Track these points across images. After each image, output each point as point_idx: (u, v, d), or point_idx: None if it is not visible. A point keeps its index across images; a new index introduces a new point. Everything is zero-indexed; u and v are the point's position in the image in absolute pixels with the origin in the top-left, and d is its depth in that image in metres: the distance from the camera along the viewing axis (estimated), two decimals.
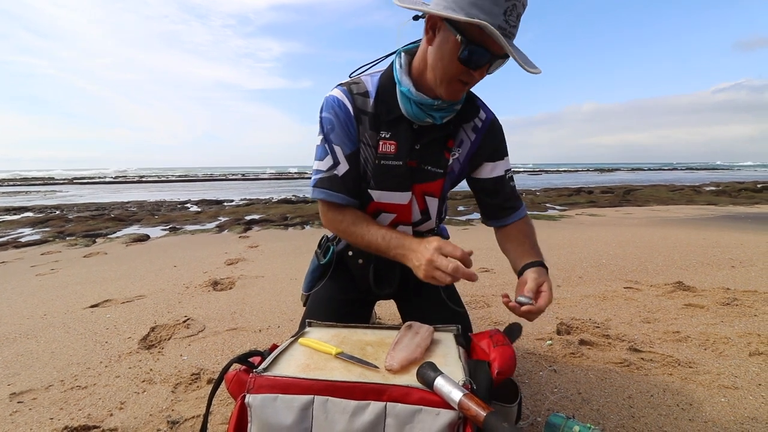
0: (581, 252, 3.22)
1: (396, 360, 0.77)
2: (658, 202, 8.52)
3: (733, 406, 1.10)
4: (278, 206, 8.63)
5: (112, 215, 7.28)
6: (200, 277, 2.68)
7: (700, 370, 1.29)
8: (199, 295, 2.26)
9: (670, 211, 6.70)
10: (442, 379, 0.66)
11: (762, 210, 6.52)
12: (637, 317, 1.78)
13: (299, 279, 2.59)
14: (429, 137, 0.93)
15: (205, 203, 10.03)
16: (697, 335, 1.55)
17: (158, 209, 8.61)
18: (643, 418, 1.05)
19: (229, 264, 3.13)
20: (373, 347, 0.88)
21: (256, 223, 5.92)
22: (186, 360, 1.43)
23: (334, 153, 0.93)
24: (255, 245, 4.02)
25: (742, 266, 2.63)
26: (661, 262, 2.84)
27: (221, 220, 6.47)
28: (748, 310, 1.82)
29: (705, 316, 1.77)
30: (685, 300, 1.98)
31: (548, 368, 1.32)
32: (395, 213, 1.00)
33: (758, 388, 1.18)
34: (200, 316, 1.88)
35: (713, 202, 8.07)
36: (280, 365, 0.79)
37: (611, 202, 8.46)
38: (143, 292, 2.33)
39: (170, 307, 2.03)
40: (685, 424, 1.02)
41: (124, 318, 1.88)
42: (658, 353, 1.41)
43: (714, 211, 6.62)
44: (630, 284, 2.29)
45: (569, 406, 1.11)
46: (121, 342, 1.60)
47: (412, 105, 0.88)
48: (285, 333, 1.68)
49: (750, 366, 1.31)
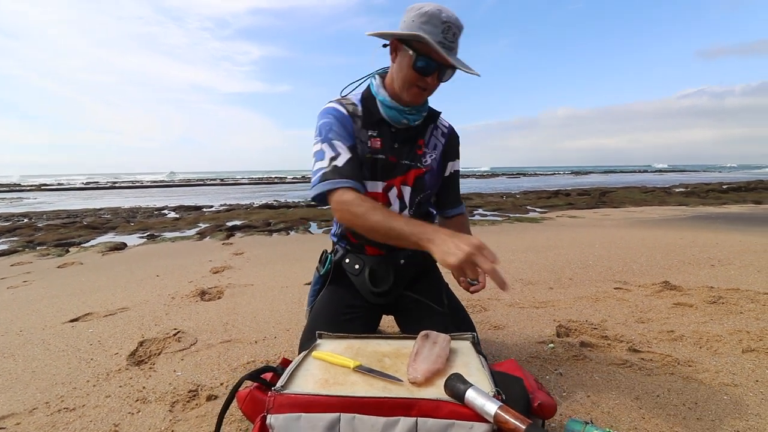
0: (567, 253, 3.28)
1: (420, 372, 0.75)
2: (632, 203, 8.81)
3: (736, 403, 1.12)
4: (260, 211, 8.48)
5: (85, 223, 6.99)
6: (186, 286, 2.58)
7: (699, 368, 1.32)
8: (186, 305, 2.18)
9: (645, 212, 6.93)
10: (474, 392, 0.65)
11: (731, 210, 6.83)
12: (631, 317, 1.81)
13: (291, 287, 2.55)
14: (404, 136, 1.12)
15: (183, 209, 9.76)
16: (691, 334, 1.59)
17: (134, 216, 8.32)
18: (654, 419, 1.06)
19: (215, 272, 3.03)
20: (390, 359, 0.85)
21: (239, 229, 5.78)
22: (181, 376, 1.36)
23: (334, 146, 1.04)
24: (240, 252, 3.92)
25: (721, 265, 2.73)
26: (645, 262, 2.91)
27: (202, 227, 6.30)
28: (734, 307, 1.88)
29: (695, 314, 1.82)
30: (674, 299, 2.04)
31: (555, 372, 1.32)
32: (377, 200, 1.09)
33: (756, 385, 1.21)
34: (191, 329, 1.81)
35: (684, 203, 8.40)
36: (298, 381, 0.76)
37: (588, 204, 8.69)
38: (126, 304, 2.22)
39: (157, 320, 1.94)
40: (694, 424, 1.03)
41: (109, 332, 1.78)
42: (657, 353, 1.44)
43: (686, 211, 6.88)
44: (619, 285, 2.34)
45: (580, 409, 1.11)
46: (108, 358, 1.51)
47: (390, 110, 1.08)
48: (282, 344, 1.63)
49: (745, 363, 1.34)
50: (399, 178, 1.12)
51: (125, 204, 11.75)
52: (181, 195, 16.44)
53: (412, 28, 0.97)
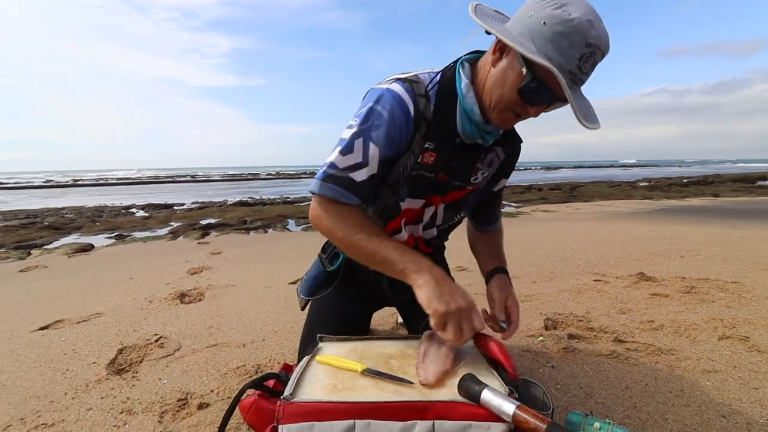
0: (546, 247, 3.36)
1: (431, 373, 0.74)
2: (601, 197, 9.13)
3: (718, 389, 1.17)
4: (235, 209, 8.27)
5: (46, 223, 6.61)
6: (163, 289, 2.48)
7: (681, 356, 1.38)
8: (166, 309, 2.09)
9: (613, 206, 7.20)
10: (489, 392, 0.64)
11: (692, 203, 7.20)
12: (612, 309, 1.87)
13: (274, 286, 2.49)
14: (466, 154, 0.91)
15: (153, 207, 9.40)
16: (670, 323, 1.66)
17: (99, 215, 7.94)
18: (645, 408, 1.09)
19: (192, 273, 2.93)
20: (397, 360, 0.84)
21: (214, 228, 5.61)
22: (167, 384, 1.30)
23: (367, 152, 0.81)
24: (217, 252, 3.81)
25: (689, 256, 2.87)
26: (619, 254, 3.02)
27: (174, 225, 6.08)
28: (706, 296, 1.97)
29: (671, 304, 1.90)
30: (650, 290, 2.12)
31: (547, 365, 1.35)
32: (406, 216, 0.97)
33: (734, 370, 1.27)
34: (173, 333, 1.73)
35: (648, 197, 8.78)
36: (305, 388, 0.73)
37: (560, 199, 8.96)
38: (100, 309, 2.11)
39: (135, 325, 1.85)
40: (682, 410, 1.08)
41: (84, 340, 1.68)
42: (641, 342, 1.49)
43: (651, 204, 7.20)
44: (598, 277, 2.42)
45: (575, 401, 1.13)
46: (86, 368, 1.43)
47: (471, 125, 0.84)
48: (272, 346, 1.59)
49: (722, 350, 1.41)
50: (440, 197, 0.96)
51: (89, 203, 11.19)
52: (149, 192, 15.81)
53: (541, 35, 0.68)
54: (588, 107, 0.73)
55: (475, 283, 2.38)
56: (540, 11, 0.69)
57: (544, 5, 0.69)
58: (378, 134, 0.81)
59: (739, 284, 2.11)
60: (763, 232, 3.70)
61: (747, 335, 1.49)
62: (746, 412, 1.06)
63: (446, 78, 0.85)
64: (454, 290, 0.77)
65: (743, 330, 1.54)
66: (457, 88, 0.84)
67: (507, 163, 1.01)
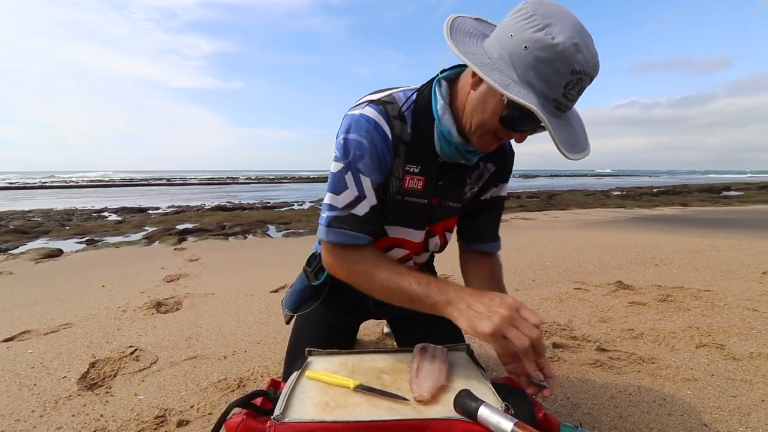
0: (527, 255, 3.41)
1: (425, 389, 0.72)
2: (577, 205, 9.38)
3: (699, 397, 1.20)
4: (213, 214, 8.09)
5: (12, 227, 6.29)
6: (138, 297, 2.38)
7: (661, 365, 1.41)
8: (141, 319, 2.00)
9: (589, 214, 7.40)
10: (487, 409, 0.63)
11: (663, 212, 7.47)
12: (593, 317, 1.90)
13: (256, 295, 2.43)
14: (451, 173, 0.88)
15: (126, 211, 9.10)
16: (649, 331, 1.70)
17: (69, 219, 7.62)
18: (630, 417, 1.11)
19: (169, 281, 2.83)
20: (389, 375, 0.82)
21: (191, 233, 5.46)
22: (144, 400, 1.24)
23: (360, 185, 0.79)
24: (195, 258, 3.70)
25: (663, 264, 2.96)
26: (597, 262, 3.10)
27: (149, 230, 5.89)
28: (681, 305, 2.04)
29: (649, 312, 1.95)
30: (628, 298, 2.17)
31: None
32: (408, 249, 0.95)
33: (713, 378, 1.31)
34: (149, 345, 1.66)
35: (622, 206, 9.07)
36: (296, 407, 0.70)
37: (538, 207, 9.14)
38: (70, 319, 2.01)
39: (108, 336, 1.77)
40: (666, 419, 1.10)
41: (53, 353, 1.59)
42: (622, 351, 1.52)
43: (625, 213, 7.44)
44: (578, 285, 2.46)
45: (563, 411, 1.14)
46: (55, 383, 1.35)
47: (450, 146, 0.81)
48: (254, 358, 1.54)
49: (700, 358, 1.45)
50: (442, 223, 0.93)
51: (58, 205, 10.73)
52: (123, 196, 15.29)
53: (522, 61, 0.64)
54: (575, 134, 0.70)
55: None
56: (521, 33, 0.64)
57: (526, 26, 0.63)
58: (364, 164, 0.79)
59: (712, 292, 2.19)
60: (730, 241, 3.86)
61: (722, 343, 1.54)
62: (726, 420, 1.08)
63: (422, 97, 0.82)
64: (489, 302, 0.70)
65: (718, 338, 1.60)
66: (433, 110, 0.81)
67: (497, 175, 0.97)
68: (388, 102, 0.81)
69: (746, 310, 1.90)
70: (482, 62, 0.67)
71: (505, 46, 0.66)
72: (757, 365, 1.38)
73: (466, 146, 0.81)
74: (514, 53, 0.65)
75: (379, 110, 0.79)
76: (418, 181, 0.84)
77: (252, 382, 1.35)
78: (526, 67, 0.64)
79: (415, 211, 0.87)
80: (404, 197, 0.85)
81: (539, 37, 0.62)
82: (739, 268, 2.73)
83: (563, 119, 0.69)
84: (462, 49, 0.69)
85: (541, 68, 0.63)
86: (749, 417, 1.10)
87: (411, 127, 0.81)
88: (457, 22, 0.74)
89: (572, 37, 0.61)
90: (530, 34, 0.63)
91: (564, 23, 0.62)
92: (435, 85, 0.81)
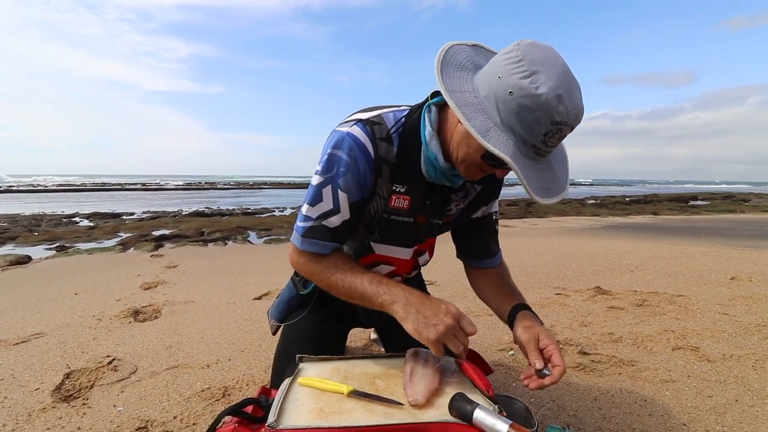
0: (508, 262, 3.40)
1: (420, 394, 0.73)
2: (554, 213, 9.62)
3: (677, 398, 1.25)
4: (191, 220, 7.91)
5: None
6: (113, 306, 2.30)
7: (641, 367, 1.46)
8: (117, 328, 1.93)
9: (566, 222, 7.60)
10: (482, 411, 0.64)
11: (636, 220, 7.74)
12: (574, 322, 1.95)
13: (238, 302, 2.39)
14: (438, 192, 0.90)
15: (99, 216, 8.80)
16: (627, 335, 1.76)
17: (37, 224, 7.30)
18: (614, 419, 1.14)
19: (146, 288, 2.74)
20: (382, 380, 0.82)
21: (168, 239, 5.32)
22: (123, 411, 1.19)
23: (337, 199, 0.82)
24: (173, 265, 3.60)
25: (638, 270, 3.07)
26: (576, 268, 3.18)
27: (123, 236, 5.71)
28: (657, 309, 2.11)
29: (626, 317, 2.01)
30: (607, 303, 2.24)
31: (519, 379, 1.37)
32: (395, 266, 0.98)
33: (689, 379, 1.36)
34: (127, 355, 1.61)
35: (597, 214, 9.36)
36: (290, 413, 0.69)
37: (518, 214, 9.33)
38: (41, 328, 1.92)
39: (83, 346, 1.70)
40: (647, 420, 1.13)
41: (23, 364, 1.52)
42: (603, 354, 1.56)
43: (600, 221, 7.67)
44: (559, 291, 2.52)
45: (549, 414, 1.16)
46: (27, 395, 1.28)
47: (437, 171, 0.83)
48: (239, 366, 1.51)
49: (677, 360, 1.51)
50: (430, 240, 0.98)
51: (26, 210, 10.27)
52: (95, 201, 14.77)
53: (506, 105, 0.65)
54: (553, 177, 0.72)
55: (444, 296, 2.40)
56: (508, 77, 0.64)
57: (513, 70, 0.64)
58: (344, 180, 0.81)
59: (685, 297, 2.28)
60: (700, 248, 4.03)
61: (697, 345, 1.61)
62: (704, 420, 1.13)
63: (411, 121, 0.83)
64: (436, 310, 0.75)
65: (693, 340, 1.66)
66: (422, 137, 0.82)
67: (485, 194, 0.98)
68: (376, 123, 0.82)
69: (717, 314, 1.99)
70: (467, 102, 0.68)
71: (493, 87, 0.67)
72: (730, 366, 1.44)
73: (452, 171, 0.82)
74: (499, 96, 0.66)
75: (366, 131, 0.81)
76: (404, 200, 0.87)
77: (237, 390, 1.32)
78: (510, 112, 0.65)
79: (402, 230, 0.90)
80: (390, 216, 0.88)
81: (524, 85, 0.63)
82: (709, 273, 2.85)
83: (542, 162, 0.71)
84: (449, 87, 0.70)
85: (523, 115, 0.64)
86: (725, 416, 1.14)
87: (398, 148, 0.83)
88: (450, 53, 0.74)
89: (557, 87, 0.62)
90: (516, 80, 0.63)
91: (551, 72, 0.63)
92: (425, 110, 0.82)
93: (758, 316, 1.93)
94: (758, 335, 1.71)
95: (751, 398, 1.23)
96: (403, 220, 0.89)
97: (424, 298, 0.78)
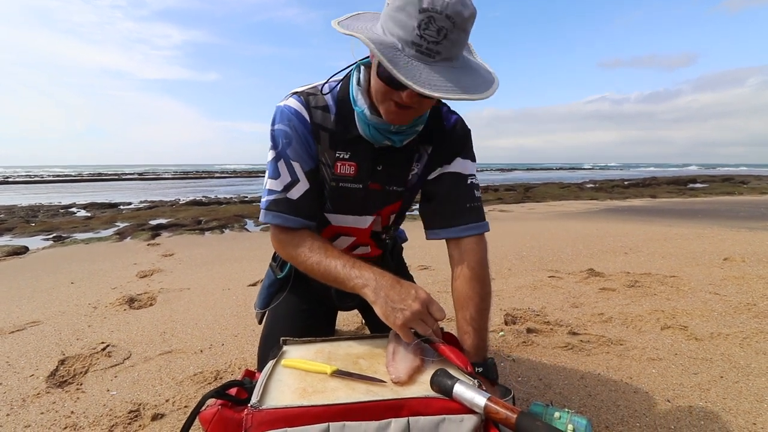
0: (504, 245, 3.48)
1: (402, 371, 0.73)
2: (552, 198, 9.61)
3: (663, 375, 1.27)
4: (188, 209, 7.89)
5: None
6: (109, 294, 2.31)
7: (628, 346, 1.48)
8: (113, 315, 1.95)
9: (564, 206, 7.60)
10: (461, 386, 0.65)
11: (633, 204, 7.75)
12: (566, 303, 1.97)
13: (233, 288, 2.40)
14: (391, 158, 0.87)
15: (96, 207, 8.77)
16: (617, 315, 1.77)
17: (34, 215, 7.29)
18: (599, 396, 1.16)
19: (142, 276, 2.76)
20: (366, 360, 0.83)
21: (165, 229, 5.32)
22: (116, 395, 1.21)
23: (292, 169, 0.83)
24: (169, 253, 3.61)
25: (632, 252, 3.08)
26: (570, 251, 3.19)
27: (120, 226, 5.70)
28: (648, 290, 2.13)
29: (618, 298, 2.03)
30: (599, 284, 2.26)
31: (508, 358, 1.39)
32: (354, 236, 0.97)
33: (676, 357, 1.38)
34: (121, 341, 1.62)
35: (595, 198, 9.36)
36: (273, 394, 0.70)
37: (515, 199, 9.33)
38: (36, 317, 1.94)
39: (78, 333, 1.71)
40: (632, 397, 1.15)
41: (19, 351, 1.53)
42: (593, 334, 1.58)
43: (597, 205, 7.68)
44: (552, 273, 2.54)
45: (535, 392, 1.18)
46: (22, 381, 1.30)
47: (370, 127, 0.81)
48: (232, 351, 1.52)
49: (665, 339, 1.53)
50: (388, 208, 0.94)
51: (22, 201, 10.24)
52: (92, 191, 14.72)
53: (387, 16, 0.67)
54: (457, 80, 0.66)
55: (438, 281, 2.42)
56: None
57: None
58: (292, 151, 0.83)
59: (677, 278, 2.29)
60: (695, 230, 4.04)
61: (686, 325, 1.62)
62: (688, 396, 1.15)
63: (344, 86, 0.84)
64: (405, 295, 0.75)
65: (682, 320, 1.68)
66: (350, 93, 0.83)
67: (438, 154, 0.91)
68: (310, 93, 0.85)
69: (708, 294, 2.01)
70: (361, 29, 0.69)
71: (383, 12, 0.69)
72: (717, 344, 1.46)
73: (386, 126, 0.80)
74: (384, 14, 0.68)
75: (300, 100, 0.84)
76: (350, 167, 0.86)
77: (230, 374, 1.34)
78: (388, 19, 0.66)
79: (352, 197, 0.89)
80: (338, 183, 0.87)
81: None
82: (703, 255, 2.86)
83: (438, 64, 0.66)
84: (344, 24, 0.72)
85: (397, 16, 0.64)
86: (708, 392, 1.16)
87: (335, 115, 0.84)
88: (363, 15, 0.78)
89: None
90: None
91: None
92: (353, 71, 0.84)
93: (748, 296, 1.95)
94: (747, 314, 1.72)
95: (735, 375, 1.25)
96: (351, 187, 0.87)
97: (395, 282, 0.77)
